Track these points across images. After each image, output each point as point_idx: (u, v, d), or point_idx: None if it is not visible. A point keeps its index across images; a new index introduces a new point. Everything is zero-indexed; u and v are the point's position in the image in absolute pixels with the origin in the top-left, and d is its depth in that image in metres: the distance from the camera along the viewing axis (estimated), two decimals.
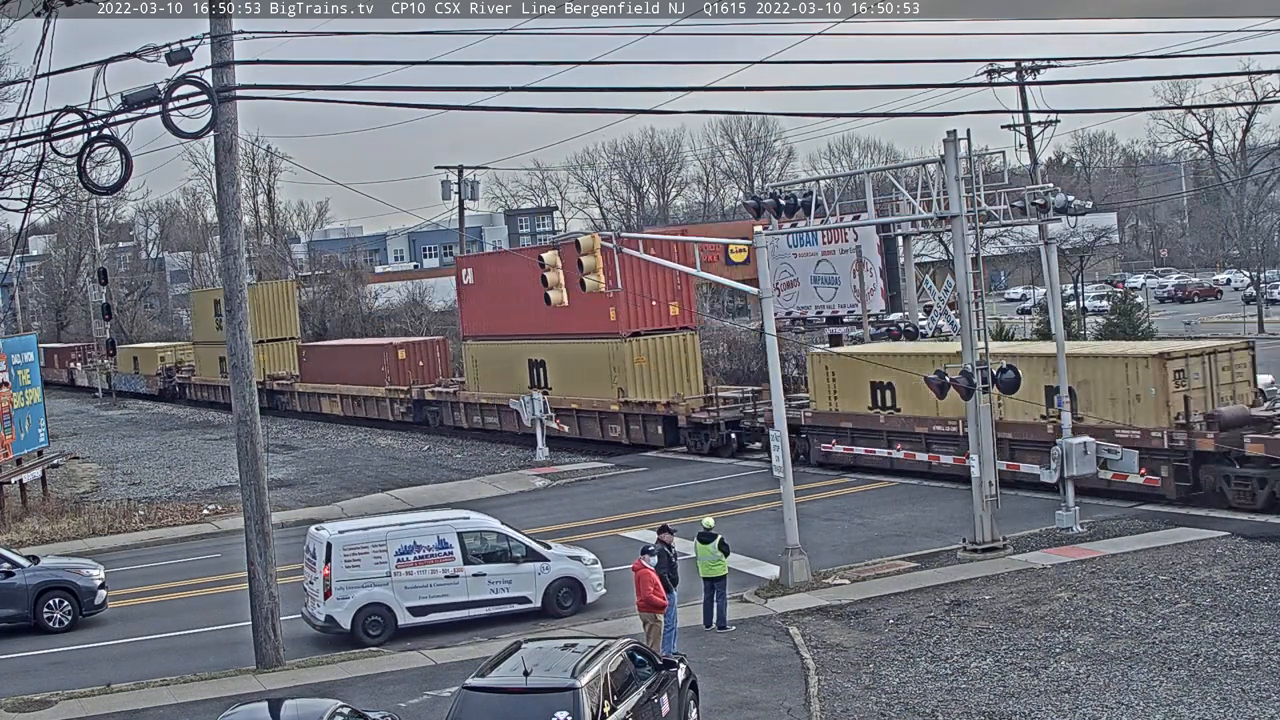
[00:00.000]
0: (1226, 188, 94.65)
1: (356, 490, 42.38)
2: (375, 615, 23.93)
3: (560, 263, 28.67)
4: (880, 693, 18.79)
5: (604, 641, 16.65)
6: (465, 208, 73.32)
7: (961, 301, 26.57)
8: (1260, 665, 18.49)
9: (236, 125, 22.16)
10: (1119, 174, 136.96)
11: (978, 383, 25.81)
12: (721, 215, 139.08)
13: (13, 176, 42.31)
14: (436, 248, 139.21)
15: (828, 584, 24.94)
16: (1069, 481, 27.20)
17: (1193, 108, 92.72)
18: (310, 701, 16.31)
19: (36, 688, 22.51)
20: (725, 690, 19.30)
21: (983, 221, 27.46)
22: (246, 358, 22.75)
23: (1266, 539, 25.16)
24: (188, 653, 24.48)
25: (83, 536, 36.50)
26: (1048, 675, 18.87)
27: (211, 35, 21.30)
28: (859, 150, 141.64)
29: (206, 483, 46.33)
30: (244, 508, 22.86)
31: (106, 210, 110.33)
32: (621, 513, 34.65)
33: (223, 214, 22.88)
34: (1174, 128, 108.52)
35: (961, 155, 26.05)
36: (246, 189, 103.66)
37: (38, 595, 26.54)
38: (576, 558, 25.44)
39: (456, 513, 27.42)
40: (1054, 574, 24.12)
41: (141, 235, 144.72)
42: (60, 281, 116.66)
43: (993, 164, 30.98)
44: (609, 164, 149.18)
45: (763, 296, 26.38)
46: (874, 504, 32.62)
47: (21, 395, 41.28)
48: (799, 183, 53.06)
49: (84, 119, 20.12)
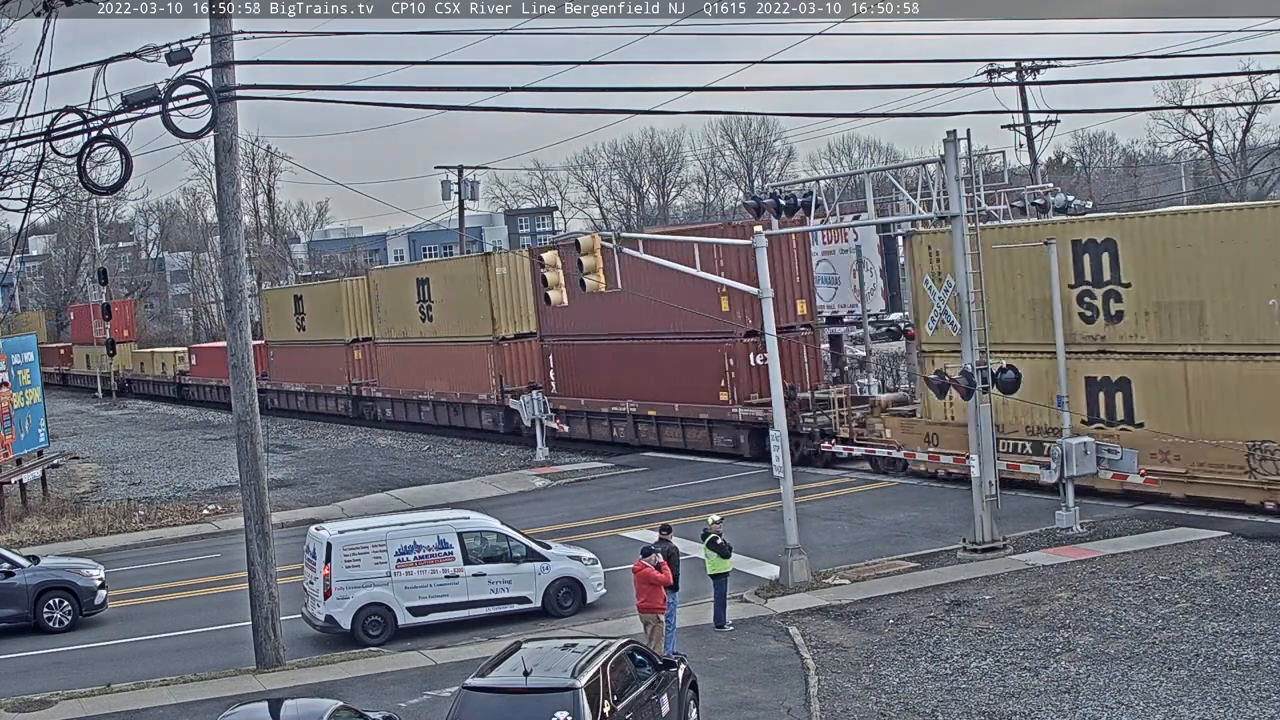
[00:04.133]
0: (1226, 188, 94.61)
1: (356, 490, 42.39)
2: (375, 615, 23.93)
3: (560, 263, 28.66)
4: (880, 693, 18.80)
5: (604, 641, 16.67)
6: (465, 208, 73.33)
7: (961, 301, 26.58)
8: (1260, 665, 18.50)
9: (236, 125, 22.17)
10: (1119, 174, 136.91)
11: (978, 383, 25.82)
12: (721, 215, 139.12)
13: (13, 176, 42.40)
14: (436, 248, 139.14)
15: (828, 584, 24.95)
16: (1069, 481, 27.20)
17: (1193, 108, 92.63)
18: (310, 701, 16.32)
19: (36, 688, 22.52)
20: (725, 690, 19.31)
21: (983, 221, 27.44)
22: (246, 358, 22.77)
23: (1266, 539, 25.15)
24: (188, 653, 24.48)
25: (83, 536, 36.51)
26: (1048, 675, 18.88)
27: (211, 35, 21.31)
28: (859, 150, 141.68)
29: (206, 483, 46.34)
30: (244, 508, 22.87)
31: (106, 210, 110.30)
32: (621, 513, 34.65)
33: (223, 214, 22.90)
34: (1174, 128, 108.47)
35: (961, 155, 26.06)
36: (246, 189, 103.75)
37: (38, 595, 26.55)
38: (576, 558, 25.45)
39: (456, 513, 27.45)
40: (1054, 574, 24.12)
41: (141, 235, 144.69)
42: (60, 281, 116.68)
43: (993, 164, 31.05)
44: (609, 164, 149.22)
45: (763, 296, 26.39)
46: (874, 504, 32.62)
47: (21, 395, 41.29)
48: (799, 183, 53.07)
49: (84, 119, 20.15)
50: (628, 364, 43.22)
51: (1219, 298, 27.01)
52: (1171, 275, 27.68)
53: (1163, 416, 28.57)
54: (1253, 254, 26.01)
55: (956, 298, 26.19)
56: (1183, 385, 28.21)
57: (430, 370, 54.05)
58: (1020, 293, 30.75)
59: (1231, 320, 26.91)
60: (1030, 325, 30.72)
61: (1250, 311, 26.49)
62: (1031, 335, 30.41)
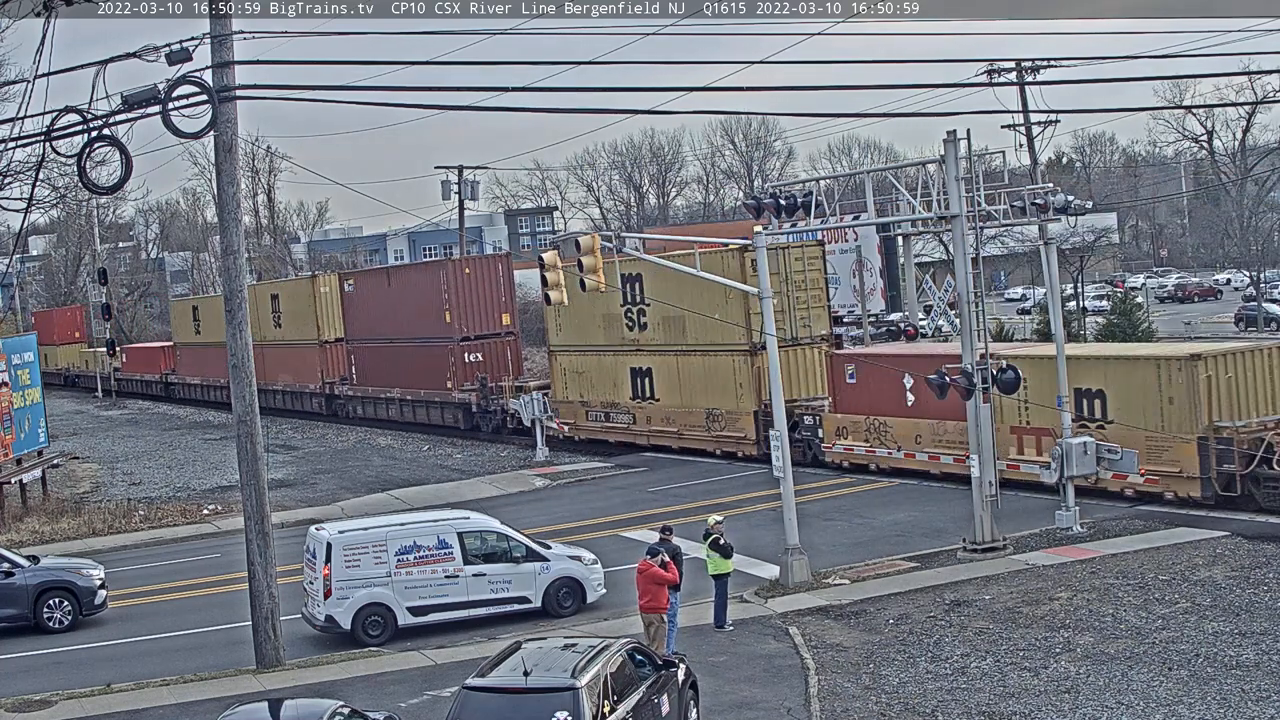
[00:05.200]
0: (1226, 188, 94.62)
1: (356, 490, 42.38)
2: (375, 615, 23.93)
3: (560, 263, 28.63)
4: (880, 693, 18.80)
5: (604, 641, 16.66)
6: (465, 208, 73.27)
7: (961, 301, 26.57)
8: (1260, 665, 18.50)
9: (236, 125, 22.16)
10: (1119, 174, 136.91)
11: (978, 383, 25.81)
12: (721, 215, 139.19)
13: (13, 176, 42.38)
14: (436, 248, 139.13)
15: (828, 584, 24.95)
16: (1069, 482, 27.21)
17: (1193, 108, 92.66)
18: (310, 701, 16.32)
19: (36, 688, 22.52)
20: (725, 690, 19.31)
21: (983, 221, 27.45)
22: (246, 358, 22.77)
23: (1266, 539, 25.17)
24: (188, 653, 24.48)
25: (83, 536, 36.49)
26: (1048, 675, 18.88)
27: (211, 35, 21.31)
28: (859, 150, 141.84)
29: (206, 483, 46.32)
30: (244, 508, 22.87)
31: (106, 210, 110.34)
32: (621, 513, 34.65)
33: (223, 214, 22.89)
34: (1174, 128, 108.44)
35: (961, 155, 26.04)
36: (246, 189, 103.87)
37: (38, 595, 26.54)
38: (576, 558, 25.44)
39: (456, 513, 27.44)
40: (1054, 574, 24.13)
41: (141, 235, 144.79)
42: (60, 281, 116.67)
43: (993, 164, 31.01)
44: (609, 164, 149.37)
45: (763, 296, 26.40)
46: (874, 504, 32.62)
47: (21, 395, 41.29)
48: (799, 183, 53.04)
49: (84, 119, 20.14)
50: (395, 361, 56.23)
51: (693, 315, 39.82)
52: (671, 298, 39.41)
53: (670, 394, 42.94)
54: (705, 287, 34.99)
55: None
56: (677, 372, 42.39)
57: (279, 366, 66.83)
58: (597, 309, 43.98)
59: (699, 330, 40.29)
60: (603, 332, 45.40)
61: (709, 324, 39.17)
62: (603, 340, 45.47)
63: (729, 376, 40.01)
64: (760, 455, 37.37)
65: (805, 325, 39.34)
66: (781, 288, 37.50)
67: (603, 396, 46.02)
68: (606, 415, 45.92)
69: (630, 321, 43.94)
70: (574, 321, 46.31)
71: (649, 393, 43.81)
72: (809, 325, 39.45)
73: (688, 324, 40.81)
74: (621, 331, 44.27)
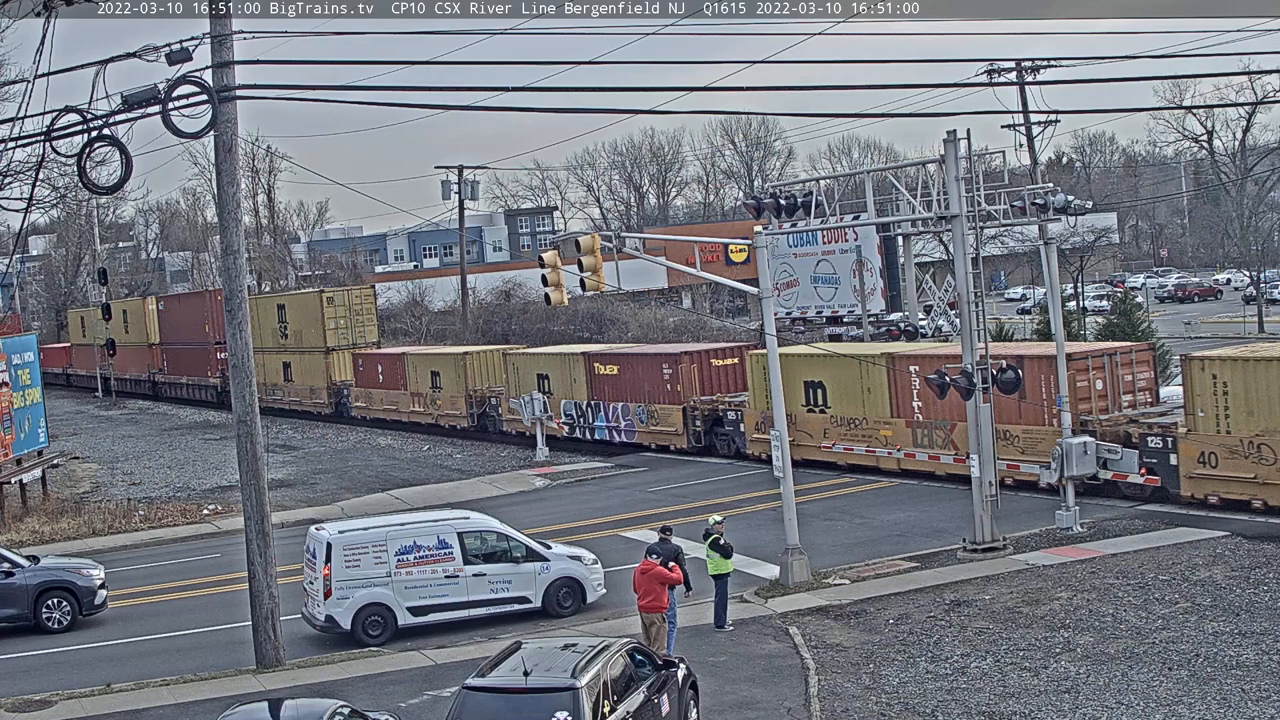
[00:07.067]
0: (1226, 188, 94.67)
1: (356, 490, 42.39)
2: (375, 615, 23.93)
3: (560, 262, 28.63)
4: (880, 693, 18.80)
5: (604, 641, 16.66)
6: (465, 208, 73.38)
7: (961, 301, 26.57)
8: (1260, 665, 18.50)
9: (236, 125, 22.17)
10: (1119, 174, 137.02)
11: (977, 383, 25.81)
12: (721, 215, 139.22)
13: (13, 176, 42.34)
14: (437, 248, 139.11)
15: (828, 584, 24.95)
16: (1069, 482, 27.21)
17: (1193, 108, 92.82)
18: (310, 701, 16.31)
19: (36, 688, 22.52)
20: (725, 690, 19.31)
21: (983, 221, 27.46)
22: (246, 358, 22.76)
23: (1266, 539, 25.17)
24: (188, 653, 24.48)
25: (83, 536, 36.49)
26: (1048, 675, 18.88)
27: (211, 35, 21.30)
28: (859, 150, 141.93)
29: (206, 483, 46.31)
30: (244, 508, 22.86)
31: (106, 210, 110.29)
32: (621, 513, 34.66)
33: (223, 214, 22.89)
34: (1174, 128, 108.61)
35: (961, 155, 26.05)
36: (246, 189, 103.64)
37: (38, 595, 26.54)
38: (576, 558, 25.43)
39: (456, 513, 27.41)
40: (1054, 574, 24.13)
41: (141, 235, 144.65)
42: (60, 281, 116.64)
43: (993, 164, 30.98)
44: (609, 164, 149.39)
45: (763, 296, 26.40)
46: (874, 504, 32.63)
47: (21, 395, 41.28)
48: (799, 183, 53.06)
49: (84, 119, 20.11)
50: (179, 356, 77.75)
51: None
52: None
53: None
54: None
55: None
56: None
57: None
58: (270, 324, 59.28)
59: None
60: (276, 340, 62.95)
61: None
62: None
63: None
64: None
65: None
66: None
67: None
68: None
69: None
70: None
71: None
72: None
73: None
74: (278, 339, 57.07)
